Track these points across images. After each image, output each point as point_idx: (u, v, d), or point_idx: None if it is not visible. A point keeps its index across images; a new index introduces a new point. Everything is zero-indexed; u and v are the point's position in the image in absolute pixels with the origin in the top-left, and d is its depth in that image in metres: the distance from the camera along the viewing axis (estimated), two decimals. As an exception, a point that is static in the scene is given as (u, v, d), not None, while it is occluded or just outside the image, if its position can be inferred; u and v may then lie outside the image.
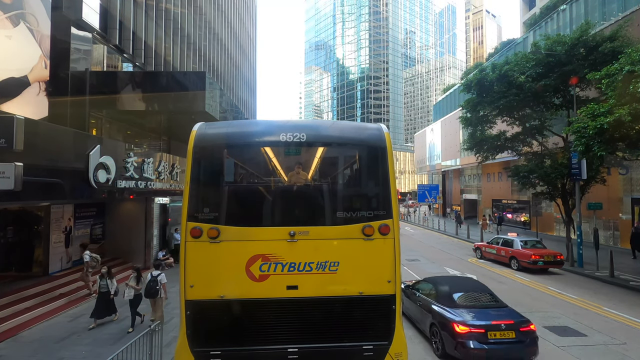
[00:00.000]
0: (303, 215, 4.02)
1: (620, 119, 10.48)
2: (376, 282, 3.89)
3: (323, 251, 3.85)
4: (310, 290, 3.79)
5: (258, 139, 4.24)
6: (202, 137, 4.03)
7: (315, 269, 3.81)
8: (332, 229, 3.94)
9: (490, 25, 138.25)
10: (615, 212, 19.78)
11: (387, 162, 4.05)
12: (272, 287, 3.78)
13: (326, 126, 4.95)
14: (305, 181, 4.38)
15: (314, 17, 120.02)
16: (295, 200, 4.23)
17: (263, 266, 3.78)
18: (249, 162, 4.56)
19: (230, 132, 4.47)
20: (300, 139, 3.98)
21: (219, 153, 4.07)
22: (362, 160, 4.27)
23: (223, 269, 3.83)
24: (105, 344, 7.66)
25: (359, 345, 3.80)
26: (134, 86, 14.04)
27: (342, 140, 4.38)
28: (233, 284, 3.78)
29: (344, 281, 3.84)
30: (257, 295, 3.78)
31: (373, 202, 4.07)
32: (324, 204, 4.14)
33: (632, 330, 8.73)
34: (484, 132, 19.95)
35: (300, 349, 3.73)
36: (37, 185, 8.12)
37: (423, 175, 60.91)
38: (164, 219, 16.11)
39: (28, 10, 10.72)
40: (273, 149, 4.25)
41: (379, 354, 3.81)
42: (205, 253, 3.78)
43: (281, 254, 3.80)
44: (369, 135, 4.26)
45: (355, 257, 3.88)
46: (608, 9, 21.69)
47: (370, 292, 3.86)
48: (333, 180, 4.48)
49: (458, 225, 29.84)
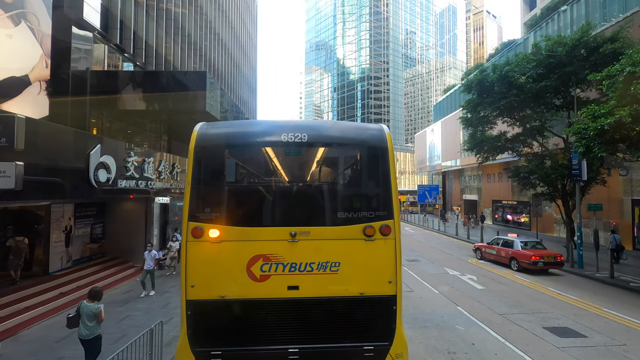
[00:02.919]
0: (304, 216, 3.99)
1: (620, 120, 10.47)
2: (377, 282, 3.87)
3: (324, 251, 3.83)
4: (311, 291, 3.77)
5: (259, 139, 4.19)
6: (203, 137, 3.99)
7: (316, 270, 3.79)
8: (333, 230, 3.92)
9: (490, 26, 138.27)
10: (616, 213, 19.76)
11: (388, 162, 4.03)
12: (273, 288, 3.76)
13: (327, 126, 4.91)
14: (306, 181, 4.38)
15: (314, 17, 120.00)
16: (296, 201, 4.19)
17: (264, 266, 3.76)
18: (250, 162, 4.52)
19: (231, 132, 4.43)
20: (301, 139, 3.94)
21: (220, 153, 4.04)
22: (363, 160, 4.21)
23: (224, 269, 3.80)
24: (105, 343, 7.64)
25: (360, 346, 3.78)
26: (135, 86, 14.04)
27: (343, 141, 4.35)
28: (234, 284, 3.76)
29: (344, 282, 3.82)
30: (258, 296, 3.77)
31: (374, 203, 4.05)
32: (325, 204, 4.12)
33: (632, 331, 8.73)
34: (485, 132, 19.94)
35: (301, 349, 3.70)
36: (37, 184, 8.12)
37: (423, 176, 60.90)
38: (164, 219, 16.10)
39: (29, 9, 10.72)
40: (274, 149, 4.21)
41: (380, 355, 3.78)
42: (206, 253, 3.76)
43: (282, 254, 3.78)
44: (370, 136, 4.23)
45: (356, 258, 3.86)
46: (609, 10, 21.68)
47: (371, 292, 3.84)
48: (334, 180, 4.46)
49: (441, 221, 33.93)
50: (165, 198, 15.55)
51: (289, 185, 4.35)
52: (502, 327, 8.92)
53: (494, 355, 7.36)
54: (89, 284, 11.49)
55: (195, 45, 24.31)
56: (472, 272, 15.00)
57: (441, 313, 9.92)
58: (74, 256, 12.93)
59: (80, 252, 13.31)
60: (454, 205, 43.07)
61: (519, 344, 7.89)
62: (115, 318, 9.24)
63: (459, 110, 30.83)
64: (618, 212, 19.69)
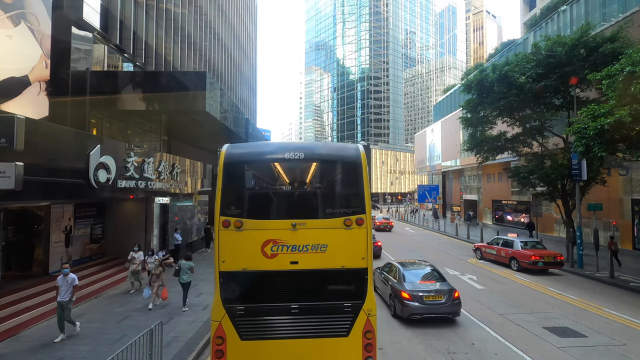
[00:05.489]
0: (302, 211, 5.31)
1: (620, 119, 10.48)
2: (353, 259, 5.24)
3: (316, 237, 5.18)
4: (307, 265, 5.14)
5: (269, 156, 5.64)
6: (229, 156, 5.39)
7: (310, 250, 5.15)
8: (322, 221, 5.26)
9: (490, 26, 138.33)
10: (616, 213, 19.77)
11: (363, 172, 5.36)
12: (280, 262, 5.11)
13: (318, 146, 6.36)
14: (303, 186, 5.75)
15: (314, 17, 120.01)
16: (296, 200, 5.50)
17: (273, 247, 5.12)
18: (263, 173, 5.88)
19: (249, 151, 5.90)
20: (299, 157, 5.34)
21: (241, 167, 5.48)
22: (344, 171, 5.58)
23: (245, 249, 5.14)
24: (105, 343, 7.65)
25: (342, 303, 5.20)
26: (135, 86, 14.03)
27: (329, 157, 5.74)
28: (252, 259, 5.12)
29: (330, 258, 5.18)
30: (269, 268, 5.12)
31: (351, 202, 5.33)
32: (317, 203, 5.47)
33: (632, 331, 8.74)
34: (484, 132, 19.95)
35: (300, 306, 5.14)
36: (37, 184, 8.12)
37: (423, 176, 60.91)
38: (164, 219, 16.10)
39: (29, 9, 10.73)
40: (280, 164, 5.57)
41: (356, 309, 5.20)
42: (233, 238, 5.12)
43: (286, 239, 5.14)
44: (349, 153, 5.55)
45: (339, 241, 5.23)
46: (608, 10, 21.69)
47: (349, 265, 5.22)
48: (323, 185, 5.73)
49: (435, 219, 36.38)
50: (165, 198, 15.54)
51: (290, 189, 5.66)
52: (502, 327, 8.93)
53: (494, 355, 7.37)
54: (89, 284, 11.52)
55: (195, 45, 24.31)
56: (472, 272, 15.01)
57: (441, 313, 9.93)
58: (74, 256, 12.92)
59: (80, 253, 13.32)
60: (454, 205, 43.07)
61: (519, 344, 7.90)
62: (115, 318, 9.26)
63: (458, 110, 30.85)
64: (618, 212, 19.69)
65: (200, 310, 9.87)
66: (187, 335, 8.15)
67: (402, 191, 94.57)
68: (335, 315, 5.18)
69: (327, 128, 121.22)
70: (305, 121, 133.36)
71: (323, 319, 5.16)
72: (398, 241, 24.72)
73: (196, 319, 9.16)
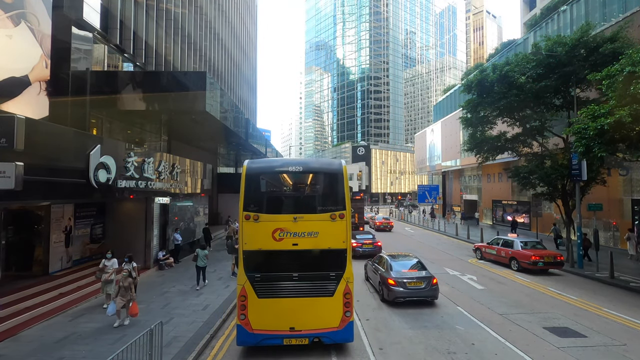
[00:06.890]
0: (301, 208, 7.31)
1: (620, 120, 10.47)
2: (337, 242, 7.23)
3: (310, 227, 7.16)
4: (304, 246, 7.11)
5: (277, 169, 7.85)
6: (249, 169, 7.41)
7: (307, 235, 7.13)
8: (315, 216, 7.25)
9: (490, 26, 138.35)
10: (616, 213, 19.76)
11: (344, 181, 7.43)
12: (285, 244, 7.09)
13: (313, 162, 8.35)
14: (303, 191, 7.90)
15: (314, 17, 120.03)
16: (296, 201, 7.56)
17: (280, 234, 7.09)
18: (273, 181, 7.88)
19: (263, 165, 7.83)
20: (299, 170, 7.55)
21: (258, 177, 7.51)
22: (331, 180, 7.57)
23: (260, 234, 7.10)
24: (105, 344, 7.65)
25: (328, 273, 7.19)
26: (135, 86, 14.01)
27: (320, 170, 7.88)
28: (265, 242, 7.09)
29: (321, 241, 7.17)
30: (278, 248, 7.10)
31: (337, 202, 7.34)
32: (312, 202, 7.51)
33: (632, 331, 8.73)
34: (485, 132, 19.92)
35: (299, 274, 7.11)
36: (37, 184, 8.12)
37: (423, 176, 60.88)
38: (164, 219, 16.09)
39: (29, 9, 10.72)
40: (286, 174, 7.77)
41: (338, 277, 7.18)
42: (252, 227, 7.11)
43: (289, 228, 7.11)
44: (335, 167, 7.62)
45: (327, 230, 7.19)
46: (608, 10, 21.68)
47: (334, 247, 7.22)
48: (316, 190, 7.77)
49: (431, 219, 37.92)
50: (165, 198, 15.54)
51: (293, 192, 7.82)
52: (502, 327, 8.93)
53: (494, 356, 7.36)
54: (88, 284, 11.51)
55: (195, 45, 24.30)
56: (472, 272, 15.01)
57: (441, 313, 9.94)
58: (74, 256, 12.93)
59: (80, 253, 13.32)
60: (454, 205, 43.04)
61: (519, 344, 7.90)
62: (115, 318, 9.22)
63: (458, 111, 30.83)
64: (618, 212, 19.69)
65: (201, 310, 9.87)
66: (187, 335, 8.15)
67: (402, 191, 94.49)
68: (324, 281, 7.16)
69: (327, 128, 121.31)
70: (305, 121, 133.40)
71: (315, 284, 7.14)
72: (398, 241, 24.71)
73: (196, 319, 9.16)
